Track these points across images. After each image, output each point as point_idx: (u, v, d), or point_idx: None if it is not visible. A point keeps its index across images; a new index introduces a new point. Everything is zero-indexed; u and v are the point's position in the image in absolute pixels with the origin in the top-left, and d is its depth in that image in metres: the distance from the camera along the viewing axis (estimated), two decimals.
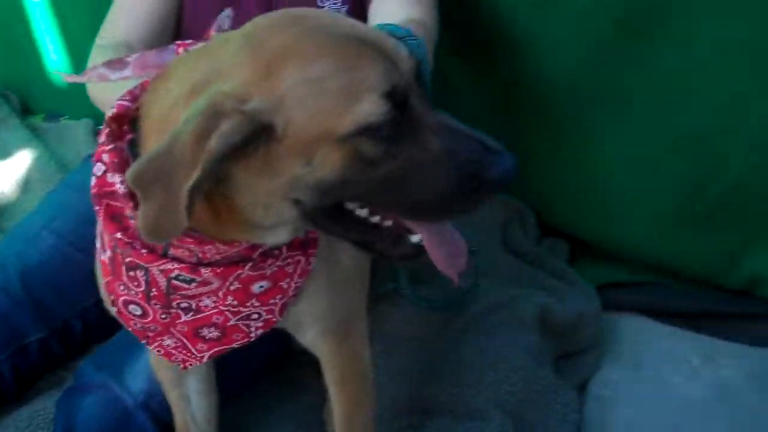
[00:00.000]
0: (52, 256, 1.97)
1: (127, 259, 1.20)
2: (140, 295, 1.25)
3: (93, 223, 1.97)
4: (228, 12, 1.31)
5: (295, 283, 1.31)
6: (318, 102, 1.01)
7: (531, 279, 2.40)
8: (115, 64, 1.26)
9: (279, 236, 1.18)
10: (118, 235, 1.17)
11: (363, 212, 1.12)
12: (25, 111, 3.42)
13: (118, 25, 1.96)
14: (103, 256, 1.28)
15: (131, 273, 1.22)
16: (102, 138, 1.17)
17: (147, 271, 1.20)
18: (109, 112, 1.16)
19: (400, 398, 2.01)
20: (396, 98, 1.02)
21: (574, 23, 2.26)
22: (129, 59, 1.25)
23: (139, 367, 1.70)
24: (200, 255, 1.17)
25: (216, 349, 1.35)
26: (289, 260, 1.26)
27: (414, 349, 2.13)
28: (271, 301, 1.29)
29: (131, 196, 1.11)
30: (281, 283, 1.28)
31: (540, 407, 2.01)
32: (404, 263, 1.16)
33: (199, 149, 0.96)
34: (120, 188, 1.12)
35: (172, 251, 1.18)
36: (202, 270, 1.18)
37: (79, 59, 3.14)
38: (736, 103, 2.17)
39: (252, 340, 1.35)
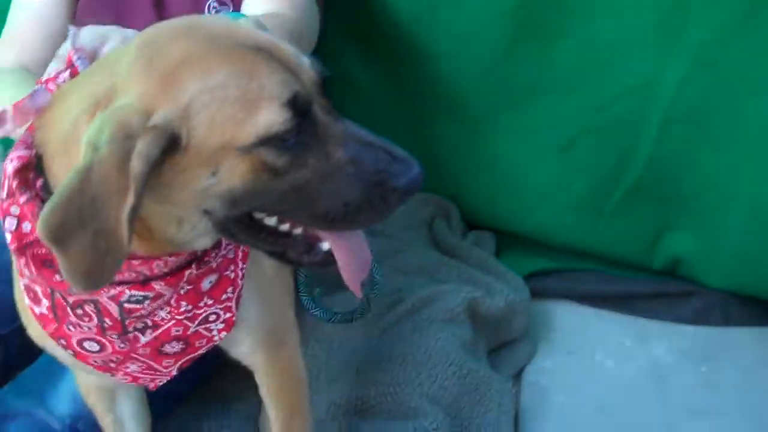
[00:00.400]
0: None
1: (71, 299, 1.16)
2: (95, 330, 1.21)
3: (5, 249, 1.93)
4: (76, 31, 1.26)
5: (240, 269, 1.29)
6: (219, 111, 0.98)
7: (458, 273, 2.41)
8: None
9: (203, 242, 1.16)
10: (57, 278, 1.11)
11: (272, 221, 1.11)
12: None
13: (9, 50, 1.94)
14: (37, 310, 1.22)
15: (79, 311, 1.18)
16: (4, 193, 1.11)
17: (96, 302, 1.16)
18: (10, 167, 1.10)
19: (336, 402, 2.00)
20: (297, 107, 1.01)
21: (472, 23, 2.29)
22: (5, 115, 1.16)
23: (63, 390, 1.67)
24: (147, 273, 1.14)
25: (183, 360, 1.33)
26: (229, 246, 1.25)
27: (347, 352, 2.13)
28: (224, 296, 1.27)
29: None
30: (227, 273, 1.26)
31: (475, 400, 2.03)
32: (317, 270, 1.16)
33: (123, 174, 0.93)
34: None
35: (117, 277, 1.12)
36: (154, 284, 1.15)
37: None
38: (642, 90, 2.23)
39: (216, 342, 1.33)
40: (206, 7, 1.96)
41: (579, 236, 2.51)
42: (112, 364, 1.29)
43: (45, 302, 1.20)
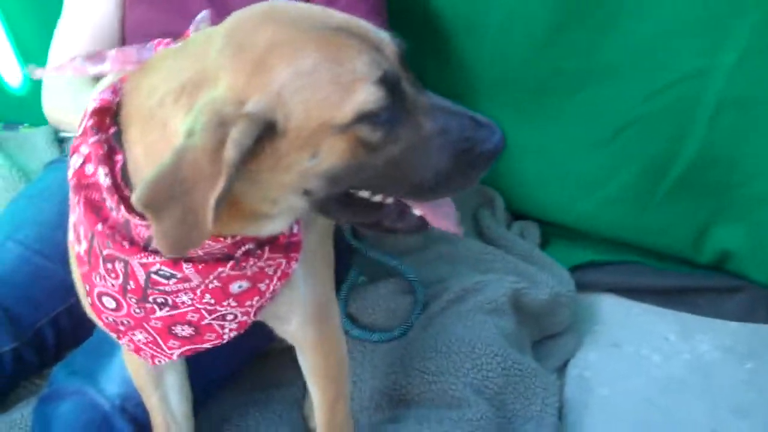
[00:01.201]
0: (18, 266, 1.94)
1: (105, 252, 1.18)
2: (117, 288, 1.23)
3: (58, 229, 1.95)
4: (205, 14, 1.30)
5: (274, 285, 1.30)
6: (314, 94, 1.01)
7: (503, 264, 2.39)
8: (95, 57, 1.24)
9: (278, 225, 1.19)
10: (99, 227, 1.15)
11: (365, 193, 1.14)
12: None
13: (62, 51, 2.01)
14: (77, 248, 1.26)
15: (109, 265, 1.20)
16: (80, 130, 1.15)
17: (126, 263, 1.18)
18: (91, 105, 1.15)
19: (379, 391, 2.00)
20: (388, 84, 1.04)
21: (522, 6, 2.27)
22: (108, 53, 1.23)
23: (114, 370, 1.68)
24: None
25: (187, 348, 1.33)
26: (270, 261, 1.25)
27: None
28: (248, 303, 1.28)
29: (116, 189, 1.11)
30: (260, 285, 1.27)
31: (519, 392, 2.01)
32: (408, 235, 1.22)
33: (216, 161, 0.96)
34: (105, 181, 1.10)
35: (154, 243, 1.14)
36: (184, 265, 1.17)
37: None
38: (693, 78, 2.19)
39: (223, 342, 1.35)
40: None
41: (625, 228, 2.49)
42: (122, 327, 1.31)
43: (84, 244, 1.23)
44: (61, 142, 3.08)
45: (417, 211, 1.17)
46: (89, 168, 1.14)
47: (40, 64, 2.69)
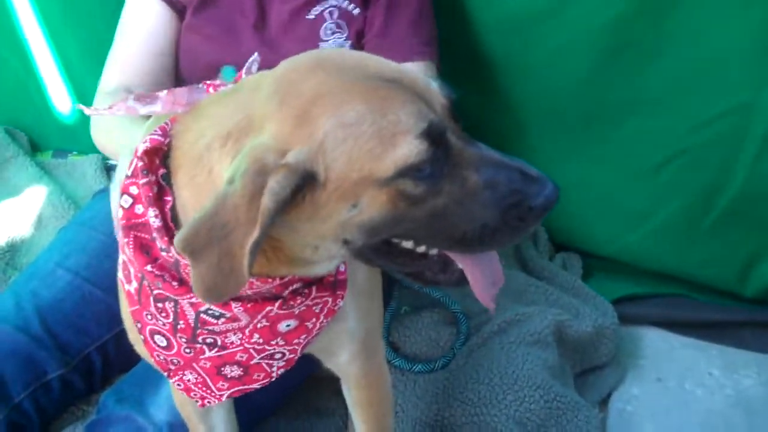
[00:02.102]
0: (68, 293, 1.97)
1: (156, 292, 1.19)
2: (167, 327, 1.24)
3: (106, 258, 1.99)
4: (256, 56, 1.31)
5: (321, 323, 1.30)
6: (356, 146, 1.01)
7: (546, 295, 2.40)
8: (146, 98, 1.25)
9: (322, 268, 1.20)
10: (148, 267, 1.16)
11: (408, 244, 1.13)
12: (32, 148, 3.42)
13: (116, 74, 2.02)
14: (127, 287, 1.27)
15: (159, 304, 1.21)
16: (129, 171, 1.17)
17: (176, 303, 1.19)
18: (141, 147, 1.16)
19: (421, 421, 2.00)
20: (433, 136, 1.02)
21: (569, 37, 2.27)
22: (160, 94, 1.24)
23: (161, 398, 1.70)
24: None
25: (236, 389, 1.33)
26: (317, 300, 1.25)
27: None
28: (296, 340, 1.28)
29: (166, 230, 1.12)
30: (307, 323, 1.27)
31: (562, 425, 2.00)
32: (451, 288, 1.21)
33: (253, 208, 0.97)
34: (155, 222, 1.12)
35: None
36: (233, 304, 1.17)
37: (82, 98, 3.16)
38: (740, 111, 2.18)
39: (272, 380, 1.35)
40: (321, 29, 2.00)
41: (669, 261, 2.48)
42: (172, 366, 1.31)
43: (134, 284, 1.24)
44: (108, 170, 3.14)
45: (461, 264, 1.15)
46: (139, 208, 1.15)
47: (88, 89, 2.76)
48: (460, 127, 1.10)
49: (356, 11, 2.01)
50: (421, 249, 1.14)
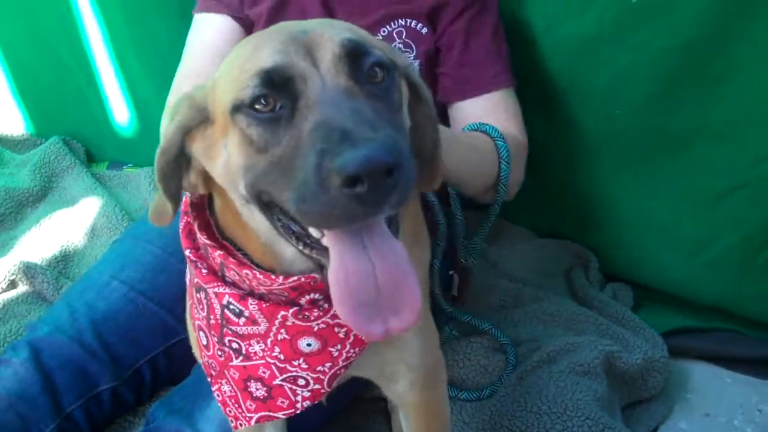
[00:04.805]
0: (123, 305, 2.00)
1: (195, 280, 1.25)
2: (204, 321, 1.28)
3: (161, 272, 2.01)
4: None
5: (347, 353, 1.27)
6: (227, 81, 1.08)
7: (596, 325, 2.37)
8: None
9: (290, 253, 1.18)
10: (187, 251, 1.24)
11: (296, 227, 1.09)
12: (88, 159, 3.49)
13: (185, 83, 2.05)
14: (187, 281, 1.36)
15: (197, 295, 1.27)
16: None
17: (206, 294, 1.23)
18: None
19: None
20: (272, 77, 1.02)
21: (632, 62, 2.25)
22: None
23: (211, 413, 1.71)
24: (247, 282, 1.19)
25: (262, 414, 1.32)
26: (338, 320, 1.19)
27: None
28: (319, 368, 1.27)
29: (197, 215, 1.25)
30: (330, 349, 1.25)
31: None
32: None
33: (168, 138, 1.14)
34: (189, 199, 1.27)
35: (227, 273, 1.21)
36: (249, 301, 1.19)
37: (142, 111, 3.21)
38: None
39: (298, 411, 1.32)
40: None
41: (722, 295, 2.43)
42: (213, 371, 1.34)
43: (188, 275, 1.34)
44: None
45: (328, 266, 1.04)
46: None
47: (148, 102, 2.76)
48: (348, 82, 1.03)
49: (424, 30, 2.04)
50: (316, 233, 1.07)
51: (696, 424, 2.22)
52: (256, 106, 1.01)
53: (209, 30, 2.09)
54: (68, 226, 2.93)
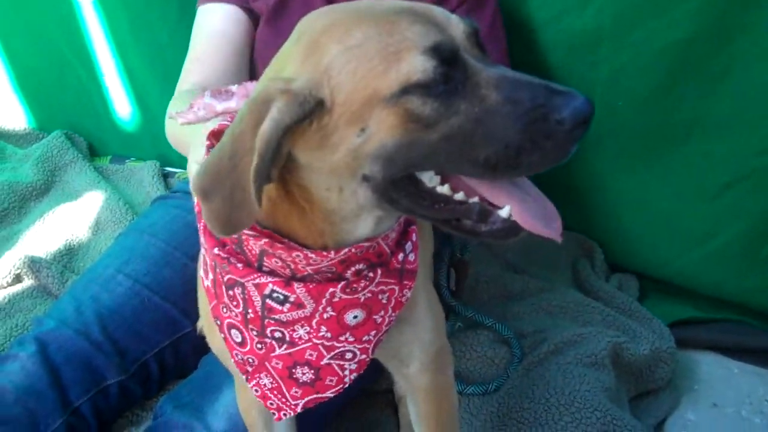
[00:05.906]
0: (128, 299, 1.99)
1: (226, 277, 1.21)
2: (239, 318, 1.25)
3: (166, 265, 2.00)
4: None
5: (389, 316, 1.28)
6: (360, 66, 1.01)
7: (602, 316, 2.37)
8: (221, 94, 1.29)
9: (363, 226, 1.16)
10: (216, 250, 1.19)
11: (444, 189, 1.08)
12: (91, 153, 3.49)
13: (194, 72, 2.03)
14: (206, 282, 1.30)
15: (230, 292, 1.22)
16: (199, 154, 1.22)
17: (244, 288, 1.20)
18: (209, 129, 1.21)
19: None
20: (442, 54, 1.01)
21: (634, 57, 2.25)
22: (233, 89, 1.28)
23: (220, 406, 1.70)
24: (292, 266, 1.17)
25: (310, 397, 1.32)
26: (382, 287, 1.23)
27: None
28: (365, 337, 1.27)
29: None
30: (375, 316, 1.25)
31: None
32: (496, 241, 1.10)
33: (254, 136, 0.99)
34: None
35: (266, 262, 1.17)
36: (295, 285, 1.17)
37: (144, 105, 3.21)
38: None
39: (345, 386, 1.32)
40: None
41: (727, 285, 2.44)
42: (249, 367, 1.31)
43: (211, 276, 1.27)
44: (165, 177, 3.17)
45: (504, 213, 1.07)
46: None
47: (149, 96, 2.73)
48: (482, 53, 1.08)
49: None
50: (459, 196, 1.09)
51: (703, 415, 2.21)
52: (429, 84, 1.01)
53: (216, 18, 2.08)
54: (72, 220, 2.93)
